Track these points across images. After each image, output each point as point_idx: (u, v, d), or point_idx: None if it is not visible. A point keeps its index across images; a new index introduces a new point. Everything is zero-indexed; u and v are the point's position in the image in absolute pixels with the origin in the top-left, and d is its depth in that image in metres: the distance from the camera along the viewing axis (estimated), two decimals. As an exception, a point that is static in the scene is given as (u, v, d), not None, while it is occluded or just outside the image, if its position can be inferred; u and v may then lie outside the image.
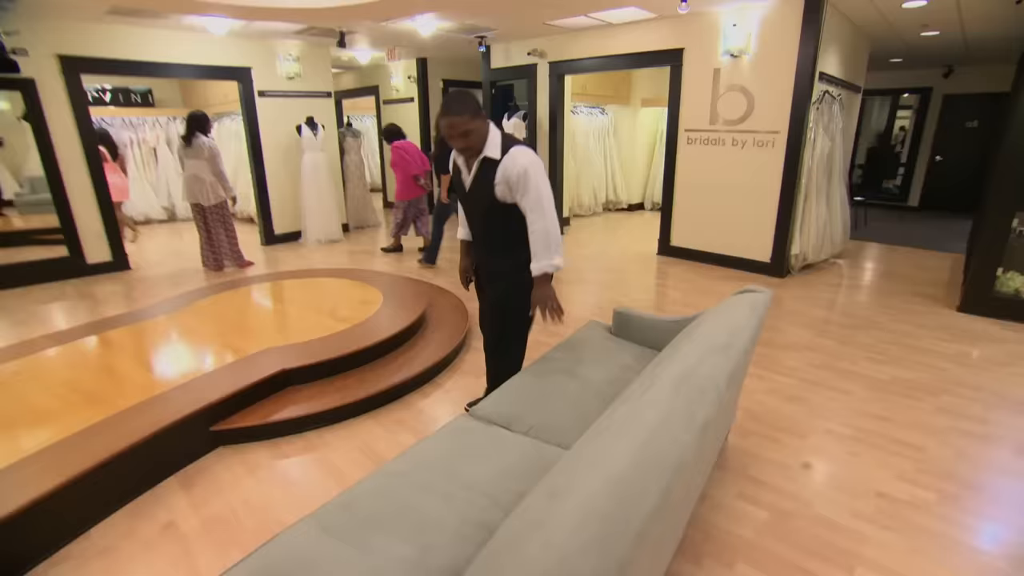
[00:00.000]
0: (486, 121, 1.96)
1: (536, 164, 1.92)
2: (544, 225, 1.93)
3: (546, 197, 1.93)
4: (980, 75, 7.75)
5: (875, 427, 2.47)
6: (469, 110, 1.88)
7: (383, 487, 1.40)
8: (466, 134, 1.90)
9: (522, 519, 0.89)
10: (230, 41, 5.90)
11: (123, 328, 3.30)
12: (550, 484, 0.97)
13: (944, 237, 6.64)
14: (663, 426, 1.10)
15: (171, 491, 2.07)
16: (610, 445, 1.04)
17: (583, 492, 0.90)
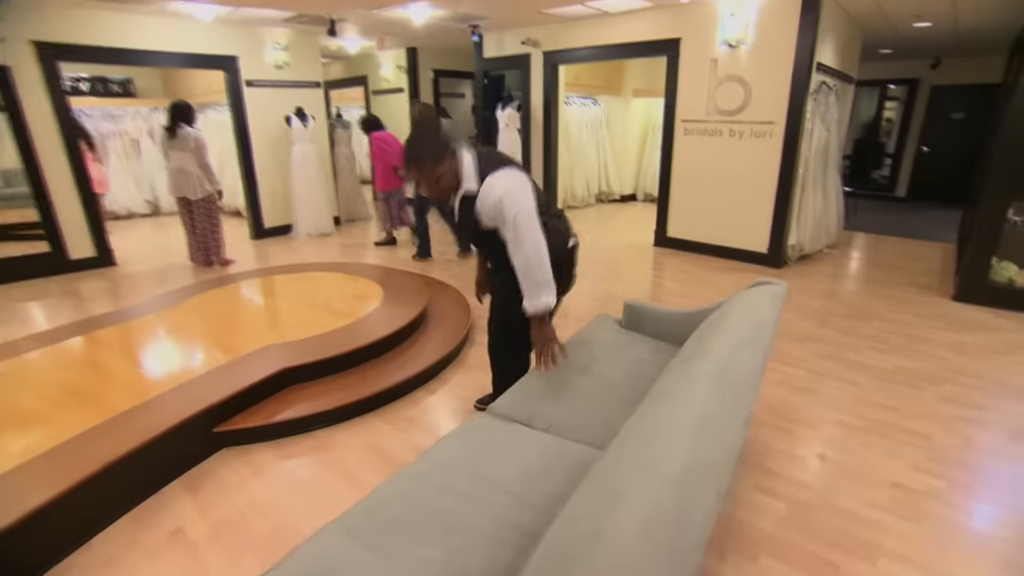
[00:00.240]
0: (454, 156, 1.79)
1: (510, 191, 1.73)
2: (524, 259, 1.74)
3: (524, 226, 1.71)
4: (967, 67, 7.84)
5: (883, 417, 2.49)
6: (432, 157, 1.74)
7: (406, 490, 1.36)
8: (438, 180, 1.78)
9: (577, 528, 0.85)
10: (216, 29, 5.72)
11: (113, 327, 3.19)
12: (601, 488, 0.94)
13: (932, 227, 6.73)
14: (708, 425, 1.07)
15: (176, 496, 2.00)
16: (658, 446, 1.01)
17: (641, 497, 0.86)
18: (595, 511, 0.87)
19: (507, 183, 1.74)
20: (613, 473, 0.98)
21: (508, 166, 1.81)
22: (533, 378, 2.00)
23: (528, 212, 1.74)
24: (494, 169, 1.77)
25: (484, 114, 7.23)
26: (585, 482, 1.10)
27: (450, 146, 1.78)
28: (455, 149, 1.80)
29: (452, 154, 1.78)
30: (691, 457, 0.96)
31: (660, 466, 0.94)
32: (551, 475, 1.43)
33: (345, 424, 2.46)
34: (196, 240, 5.11)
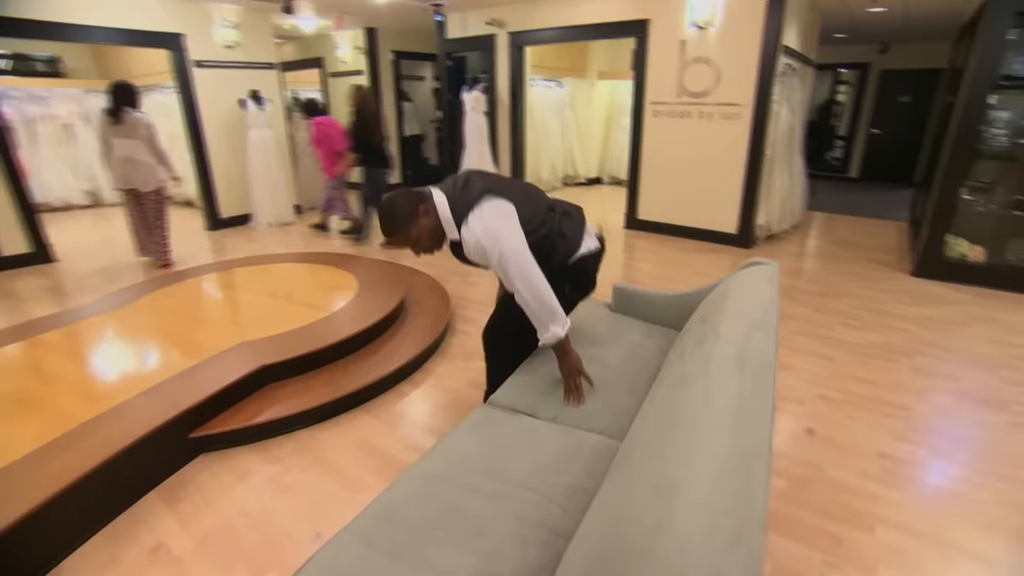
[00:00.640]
0: (426, 214, 1.65)
1: (488, 232, 1.59)
2: (519, 296, 1.61)
3: (513, 264, 1.57)
4: (914, 52, 8.19)
5: (863, 390, 2.57)
6: (403, 223, 1.64)
7: (423, 491, 1.28)
8: (417, 241, 1.68)
9: (637, 524, 0.80)
10: (158, 3, 5.30)
11: (60, 329, 2.93)
12: (651, 481, 0.89)
13: (885, 206, 7.04)
14: (743, 409, 1.04)
15: (153, 509, 1.85)
16: (699, 435, 0.97)
17: (697, 487, 0.82)
18: (652, 505, 0.83)
19: (483, 224, 1.60)
20: (658, 465, 0.94)
21: (482, 199, 1.64)
22: (532, 366, 1.94)
23: (511, 251, 1.58)
24: (467, 209, 1.62)
25: (448, 97, 7.04)
26: (622, 475, 1.06)
27: (421, 201, 1.65)
28: (427, 197, 1.67)
29: (425, 207, 1.65)
30: (735, 444, 0.93)
31: (708, 455, 0.90)
32: (568, 467, 1.38)
33: (330, 422, 2.35)
34: (149, 234, 4.65)
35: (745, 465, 0.88)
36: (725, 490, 0.82)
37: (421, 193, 1.68)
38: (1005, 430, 2.27)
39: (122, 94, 4.25)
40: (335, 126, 5.42)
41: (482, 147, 6.58)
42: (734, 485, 0.83)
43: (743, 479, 0.85)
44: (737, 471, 0.86)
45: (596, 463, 1.40)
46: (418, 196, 1.67)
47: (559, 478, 1.34)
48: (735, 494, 0.82)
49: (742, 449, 0.92)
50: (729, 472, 0.86)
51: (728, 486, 0.83)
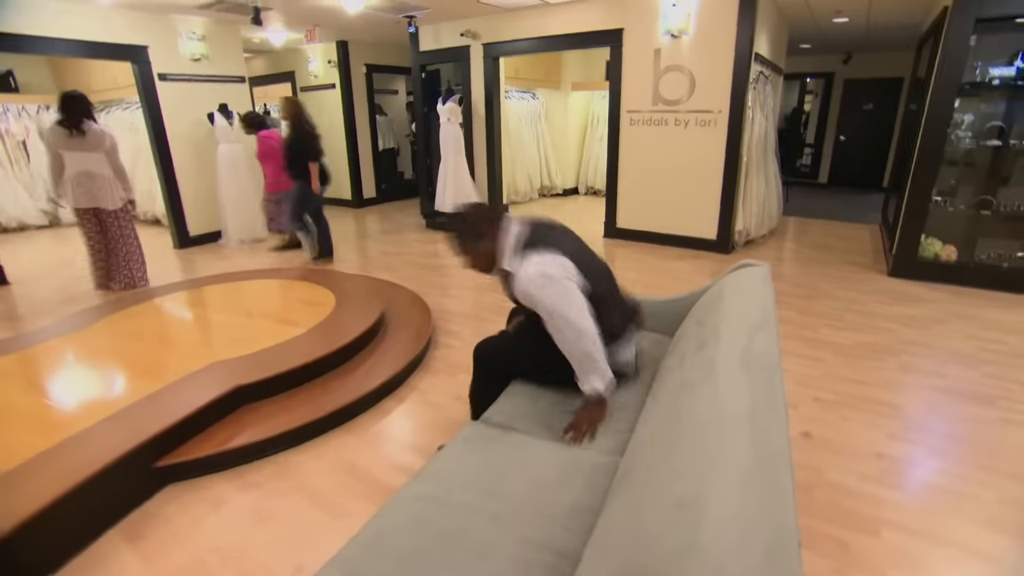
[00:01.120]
0: (490, 238, 1.66)
1: (537, 280, 1.55)
2: (567, 345, 1.56)
3: (559, 315, 1.53)
4: (874, 61, 8.48)
5: (855, 391, 2.56)
6: (467, 235, 1.69)
7: (415, 515, 1.18)
8: (468, 256, 1.73)
9: (660, 545, 0.72)
10: (119, 14, 5.13)
11: (13, 354, 2.72)
12: (670, 497, 0.81)
13: (854, 210, 7.21)
14: (758, 412, 0.98)
15: (113, 548, 1.69)
16: (715, 443, 0.90)
17: (723, 501, 0.75)
18: (675, 523, 0.75)
19: (535, 271, 1.55)
20: (673, 479, 0.86)
21: (550, 248, 1.61)
22: (523, 388, 1.84)
23: (560, 295, 1.53)
24: (533, 249, 1.60)
25: (423, 109, 6.98)
26: (630, 491, 0.98)
27: (491, 224, 1.67)
28: (498, 222, 1.68)
29: (492, 232, 1.67)
30: (756, 450, 0.86)
31: (730, 465, 0.83)
32: (568, 485, 1.30)
33: (310, 444, 2.22)
34: (115, 259, 4.28)
35: (770, 473, 0.81)
36: (754, 502, 0.75)
37: (497, 217, 1.69)
38: (996, 425, 2.27)
39: (81, 105, 3.96)
40: (280, 140, 5.25)
41: (458, 158, 6.52)
42: (762, 496, 0.76)
43: (770, 488, 0.78)
44: (763, 480, 0.79)
45: (597, 479, 1.32)
46: (492, 218, 1.68)
47: (560, 496, 1.25)
48: (764, 506, 0.74)
49: (764, 456, 0.85)
50: (755, 482, 0.79)
51: (756, 498, 0.76)
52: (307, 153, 4.69)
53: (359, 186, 8.16)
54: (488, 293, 4.14)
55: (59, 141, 3.87)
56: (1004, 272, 3.92)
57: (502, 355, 1.92)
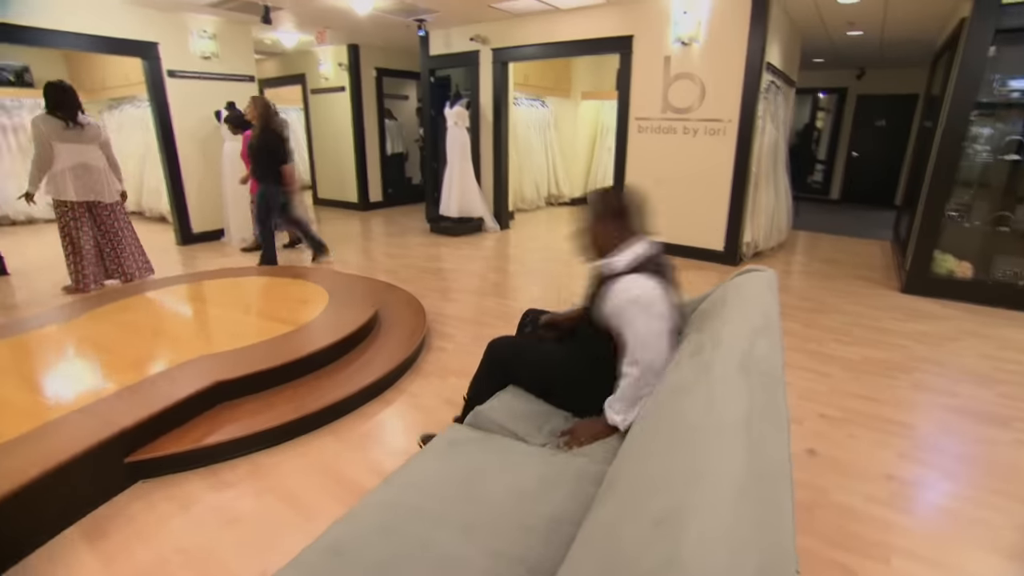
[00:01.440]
0: (618, 231, 1.58)
1: (642, 301, 1.47)
2: (630, 378, 1.49)
3: (642, 344, 1.46)
4: (888, 78, 8.38)
5: (863, 408, 2.44)
6: (600, 212, 1.61)
7: (381, 521, 1.09)
8: (583, 231, 1.65)
9: (634, 567, 0.63)
10: (132, 11, 5.15)
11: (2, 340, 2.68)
12: (650, 510, 0.72)
13: (865, 226, 7.08)
14: (755, 420, 0.88)
15: (71, 546, 1.60)
16: (706, 451, 0.81)
17: (710, 516, 0.65)
18: (653, 540, 0.65)
19: (637, 292, 1.48)
20: (657, 490, 0.77)
21: (665, 286, 1.53)
22: (524, 392, 1.76)
23: (650, 326, 1.46)
24: (651, 274, 1.51)
25: (431, 114, 6.97)
26: (611, 503, 0.88)
27: (617, 219, 1.59)
28: (627, 229, 1.59)
29: (618, 231, 1.59)
30: (751, 461, 0.77)
31: (720, 475, 0.73)
32: (550, 494, 1.20)
33: (290, 444, 2.13)
34: (111, 253, 4.18)
35: (766, 487, 0.72)
36: (746, 518, 0.65)
37: (637, 218, 1.62)
38: (1011, 447, 2.15)
39: (74, 96, 3.83)
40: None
41: (464, 163, 6.48)
42: (756, 512, 0.67)
43: (766, 504, 0.69)
44: (758, 494, 0.70)
45: (582, 488, 1.22)
46: (620, 219, 1.60)
47: (540, 506, 1.16)
48: (758, 523, 0.65)
49: (760, 468, 0.76)
50: (749, 496, 0.69)
51: (749, 513, 0.66)
52: (277, 155, 4.46)
53: (366, 189, 8.14)
54: (490, 297, 4.06)
55: (54, 132, 3.73)
56: (1021, 290, 3.78)
57: (514, 358, 1.83)
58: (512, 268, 5.04)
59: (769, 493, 0.71)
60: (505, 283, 4.49)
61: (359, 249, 5.78)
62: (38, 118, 3.70)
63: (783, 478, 0.75)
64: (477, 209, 6.53)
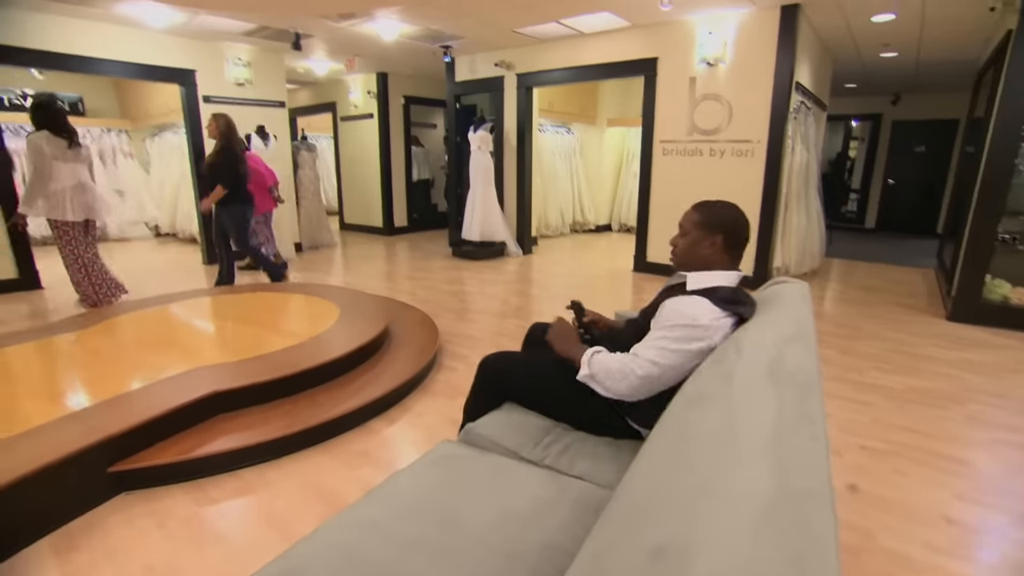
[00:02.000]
0: (711, 246, 1.45)
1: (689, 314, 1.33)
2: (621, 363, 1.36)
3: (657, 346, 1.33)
4: (925, 103, 8.13)
5: (910, 440, 2.19)
6: (704, 214, 1.48)
7: (346, 544, 0.95)
8: (683, 232, 1.52)
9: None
10: (172, 41, 5.40)
11: (6, 347, 2.66)
12: (643, 539, 0.57)
13: (905, 254, 6.73)
14: (786, 433, 0.73)
15: (38, 559, 1.50)
16: (721, 467, 0.66)
17: (721, 547, 0.50)
18: (645, 569, 0.50)
19: (698, 312, 1.33)
20: (659, 513, 0.62)
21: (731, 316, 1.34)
22: (516, 406, 1.62)
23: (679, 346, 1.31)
24: (723, 304, 1.34)
25: (456, 139, 7.03)
26: (604, 529, 0.73)
27: (720, 234, 1.45)
28: (725, 253, 1.47)
29: (716, 245, 1.45)
30: (779, 478, 0.61)
31: (738, 496, 0.58)
32: (545, 520, 1.05)
33: (283, 460, 2.02)
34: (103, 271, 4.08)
35: (799, 510, 0.56)
36: (771, 551, 0.50)
37: (738, 246, 1.49)
38: (1092, 494, 1.87)
39: (64, 116, 3.78)
40: (261, 161, 5.36)
41: (487, 187, 6.46)
42: (785, 543, 0.51)
43: (799, 533, 0.53)
44: (788, 521, 0.54)
45: (581, 515, 1.06)
46: (730, 236, 1.46)
47: (531, 533, 1.00)
48: (788, 557, 0.49)
49: (792, 487, 0.60)
50: (775, 522, 0.54)
51: (775, 545, 0.51)
52: (240, 174, 4.29)
53: (391, 214, 8.21)
54: (509, 319, 3.94)
55: (57, 152, 3.66)
56: (1087, 321, 3.45)
57: (506, 373, 1.69)
58: (534, 292, 4.91)
59: (803, 519, 0.55)
60: (526, 306, 4.36)
61: (379, 271, 5.76)
62: (39, 137, 3.60)
63: (822, 501, 0.59)
64: (499, 233, 6.48)
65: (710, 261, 1.46)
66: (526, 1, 4.27)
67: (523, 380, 1.64)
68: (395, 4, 4.28)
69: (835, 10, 4.19)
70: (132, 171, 8.02)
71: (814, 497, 0.59)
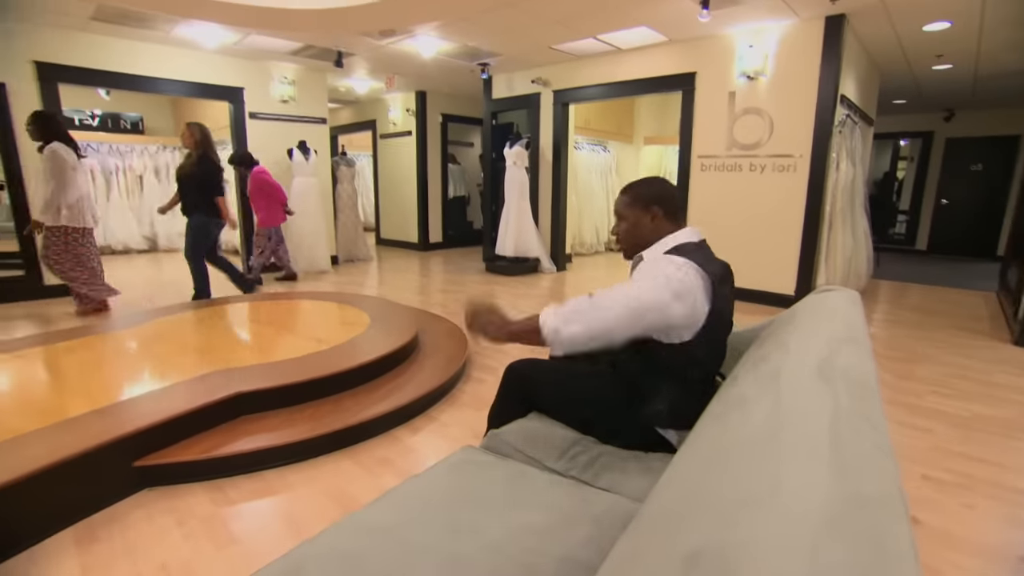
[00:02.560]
0: (657, 220, 1.42)
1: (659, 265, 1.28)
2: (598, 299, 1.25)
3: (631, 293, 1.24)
4: (982, 119, 7.72)
5: (979, 472, 1.99)
6: (633, 193, 1.45)
7: (351, 548, 0.89)
8: (621, 217, 1.48)
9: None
10: (223, 60, 5.67)
11: (45, 347, 2.75)
12: (676, 544, 0.49)
13: (964, 277, 6.33)
14: (845, 434, 0.63)
15: (60, 549, 1.50)
16: (769, 469, 0.57)
17: (777, 554, 0.42)
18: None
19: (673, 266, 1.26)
20: (694, 517, 0.53)
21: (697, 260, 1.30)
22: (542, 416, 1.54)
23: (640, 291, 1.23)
24: (683, 254, 1.31)
25: (492, 156, 7.08)
26: (632, 536, 0.65)
27: (659, 205, 1.42)
28: (669, 216, 1.43)
29: (658, 215, 1.42)
30: (840, 482, 0.52)
31: (791, 500, 0.49)
32: (565, 532, 0.96)
33: (304, 464, 1.98)
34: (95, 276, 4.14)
35: (869, 520, 0.47)
36: (835, 563, 0.41)
37: (678, 209, 1.46)
38: None
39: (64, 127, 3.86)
40: (271, 177, 5.45)
41: (521, 202, 6.45)
42: (854, 555, 0.42)
43: (870, 544, 0.44)
44: (856, 528, 0.45)
45: (607, 529, 0.97)
46: (672, 206, 1.44)
47: (550, 545, 0.92)
48: (860, 570, 0.41)
49: (859, 494, 0.51)
50: (839, 532, 0.45)
51: (839, 556, 0.42)
52: (212, 186, 4.17)
53: (426, 230, 8.30)
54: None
55: (73, 162, 3.79)
56: None
57: (532, 380, 1.62)
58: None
59: (875, 527, 0.46)
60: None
61: (412, 283, 5.79)
62: (61, 147, 3.71)
63: (896, 509, 0.49)
64: (533, 249, 6.44)
65: (657, 232, 1.43)
66: (563, 17, 4.28)
67: (549, 388, 1.57)
68: (435, 19, 4.37)
69: (883, 19, 4.03)
70: (183, 186, 8.43)
71: (887, 505, 0.50)
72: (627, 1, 3.88)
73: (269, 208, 5.48)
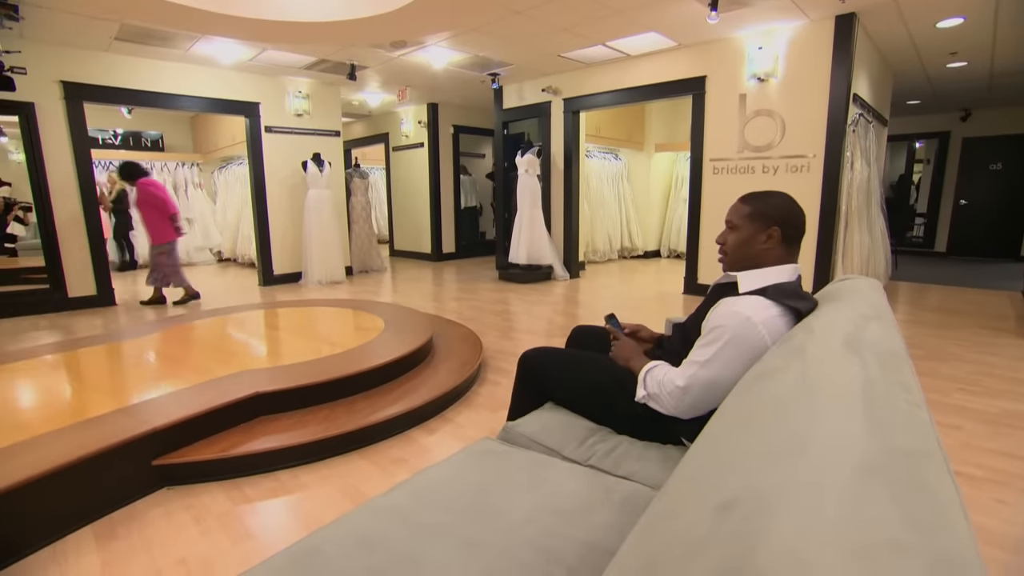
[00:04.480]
0: (768, 239, 1.31)
1: (746, 317, 1.19)
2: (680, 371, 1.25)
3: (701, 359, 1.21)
4: (1000, 117, 7.61)
5: (1011, 467, 1.92)
6: (755, 205, 1.34)
7: (368, 531, 0.88)
8: (732, 227, 1.38)
9: (688, 570, 0.39)
10: (239, 76, 5.80)
11: (68, 352, 2.80)
12: (709, 494, 0.48)
13: (985, 277, 6.19)
14: (878, 397, 0.61)
15: (81, 544, 1.51)
16: (807, 420, 0.55)
17: (813, 497, 0.40)
18: (711, 532, 0.41)
19: (749, 315, 1.19)
20: (729, 469, 0.52)
21: (789, 312, 1.22)
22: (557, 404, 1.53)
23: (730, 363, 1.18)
24: (778, 300, 1.23)
25: (503, 165, 7.12)
26: (662, 496, 0.63)
27: (793, 235, 1.33)
28: (793, 249, 1.35)
29: (774, 238, 1.31)
30: (877, 433, 0.50)
31: (826, 448, 0.48)
32: (585, 517, 0.94)
33: (320, 463, 1.98)
34: None
35: (911, 469, 0.45)
36: (878, 507, 0.39)
37: (787, 246, 1.34)
38: None
39: None
40: (163, 188, 5.04)
41: (533, 210, 6.46)
42: (897, 500, 0.41)
43: (913, 490, 0.42)
44: (896, 474, 0.44)
45: (629, 516, 0.95)
46: (786, 227, 1.32)
47: (570, 529, 0.90)
48: (904, 515, 0.39)
49: (898, 446, 0.49)
50: (879, 478, 0.43)
51: (881, 501, 0.40)
52: None
53: (439, 240, 8.35)
54: (556, 338, 3.83)
55: None
56: None
57: (545, 368, 1.61)
58: (581, 312, 4.80)
59: (917, 476, 0.44)
60: (573, 325, 4.25)
61: (426, 291, 5.81)
62: None
63: (938, 462, 0.47)
64: (546, 257, 6.44)
65: (765, 257, 1.32)
66: (572, 23, 4.32)
67: (561, 377, 1.55)
68: (446, 29, 4.44)
69: (895, 17, 4.01)
70: (201, 201, 8.59)
71: (928, 457, 0.48)
72: (636, 7, 3.91)
73: (159, 221, 4.89)
